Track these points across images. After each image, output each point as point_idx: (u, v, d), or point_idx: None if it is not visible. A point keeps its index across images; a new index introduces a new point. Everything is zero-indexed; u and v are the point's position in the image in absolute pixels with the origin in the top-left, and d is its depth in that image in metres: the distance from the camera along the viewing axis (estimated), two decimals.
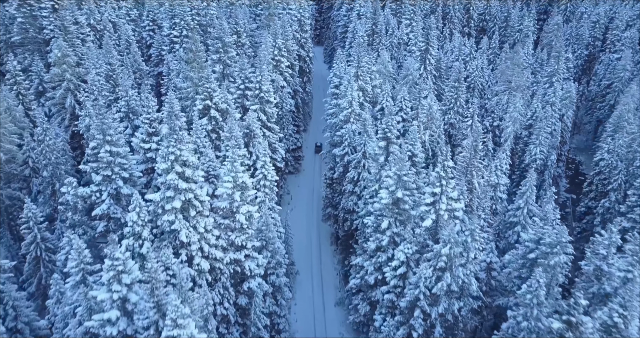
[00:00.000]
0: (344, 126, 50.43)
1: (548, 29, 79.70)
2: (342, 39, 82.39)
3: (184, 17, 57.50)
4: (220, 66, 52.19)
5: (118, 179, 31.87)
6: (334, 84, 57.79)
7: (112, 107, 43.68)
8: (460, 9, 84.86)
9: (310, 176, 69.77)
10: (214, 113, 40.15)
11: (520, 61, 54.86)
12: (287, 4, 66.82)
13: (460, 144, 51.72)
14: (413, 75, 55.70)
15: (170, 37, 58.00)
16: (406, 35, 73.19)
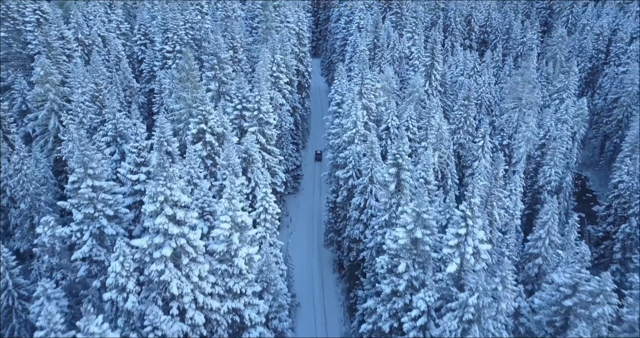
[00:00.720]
0: (347, 147, 46.83)
1: (552, 42, 76.86)
2: (341, 52, 79.09)
3: (177, 31, 53.84)
4: (215, 84, 48.55)
5: (101, 218, 27.95)
6: (335, 102, 54.26)
7: (98, 131, 39.84)
8: (461, 20, 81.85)
9: (310, 194, 66.04)
10: (209, 138, 36.40)
11: (532, 78, 51.64)
12: (285, 16, 63.39)
13: (471, 166, 48.40)
14: (419, 92, 52.30)
15: (163, 52, 54.29)
16: (408, 49, 70.01)
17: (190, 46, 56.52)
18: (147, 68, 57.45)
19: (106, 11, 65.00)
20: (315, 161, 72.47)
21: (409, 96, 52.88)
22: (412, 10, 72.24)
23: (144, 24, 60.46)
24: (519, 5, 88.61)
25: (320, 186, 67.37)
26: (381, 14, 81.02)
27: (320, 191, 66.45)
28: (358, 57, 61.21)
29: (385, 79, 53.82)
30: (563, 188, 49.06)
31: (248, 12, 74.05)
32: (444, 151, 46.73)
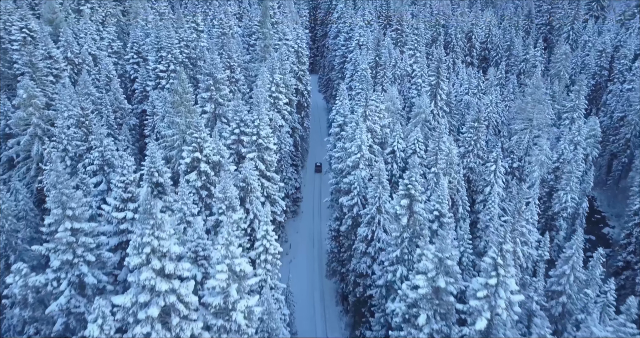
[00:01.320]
0: (352, 171, 43.61)
1: (555, 59, 74.42)
2: (340, 69, 76.32)
3: (172, 50, 50.73)
4: (211, 105, 45.36)
5: (82, 264, 24.40)
6: (337, 123, 51.21)
7: (83, 159, 36.37)
8: (462, 37, 79.48)
9: (310, 217, 62.63)
10: (204, 167, 33.03)
11: (543, 98, 48.83)
12: (283, 34, 60.56)
13: (482, 191, 45.22)
14: (425, 113, 49.31)
15: (156, 71, 51.09)
16: (410, 67, 67.29)
17: (185, 65, 53.43)
18: (139, 88, 54.19)
19: (98, 28, 61.92)
20: (315, 172, 71.32)
21: (414, 117, 49.88)
22: (414, 27, 69.67)
23: (137, 42, 57.36)
24: (519, 21, 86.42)
25: (320, 206, 64.23)
26: (381, 31, 78.49)
27: (320, 213, 63.19)
28: (359, 76, 58.34)
29: (389, 100, 50.86)
30: (579, 214, 45.97)
31: (245, 29, 71.28)
32: (454, 176, 43.55)
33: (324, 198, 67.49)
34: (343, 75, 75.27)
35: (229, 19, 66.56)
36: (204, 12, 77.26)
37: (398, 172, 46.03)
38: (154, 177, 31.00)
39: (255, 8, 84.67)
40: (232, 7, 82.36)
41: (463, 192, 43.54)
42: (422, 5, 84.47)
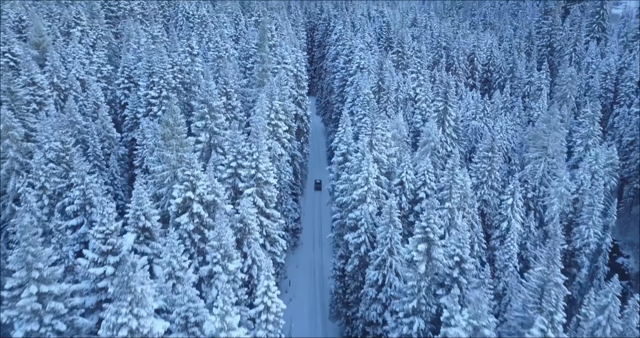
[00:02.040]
0: (358, 206, 39.94)
1: (561, 81, 71.84)
2: (340, 93, 73.30)
3: (164, 75, 47.37)
4: (206, 135, 41.81)
5: (50, 334, 20.36)
6: (340, 152, 47.74)
7: (63, 197, 32.51)
8: (464, 59, 76.99)
9: (310, 248, 58.67)
10: (197, 208, 29.27)
11: (559, 125, 45.74)
12: (282, 57, 57.54)
13: (499, 227, 41.60)
14: (435, 141, 45.99)
15: (148, 98, 47.63)
16: (413, 91, 64.36)
17: (178, 90, 50.07)
18: (130, 115, 50.66)
19: (88, 52, 58.63)
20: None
21: (423, 146, 46.51)
22: (415, 49, 66.99)
23: (128, 66, 54.07)
24: (521, 43, 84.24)
25: (320, 234, 60.68)
26: (381, 53, 75.88)
27: (320, 242, 59.41)
28: (362, 101, 55.25)
29: (395, 127, 47.56)
30: (603, 250, 42.39)
31: (242, 51, 68.37)
32: (468, 210, 40.00)
33: (324, 221, 64.62)
34: (343, 99, 72.32)
35: (225, 42, 63.62)
36: (199, 35, 74.52)
37: (407, 205, 42.45)
38: (140, 221, 27.20)
39: (252, 30, 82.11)
40: (228, 29, 79.76)
41: (478, 228, 39.94)
42: (423, 27, 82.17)
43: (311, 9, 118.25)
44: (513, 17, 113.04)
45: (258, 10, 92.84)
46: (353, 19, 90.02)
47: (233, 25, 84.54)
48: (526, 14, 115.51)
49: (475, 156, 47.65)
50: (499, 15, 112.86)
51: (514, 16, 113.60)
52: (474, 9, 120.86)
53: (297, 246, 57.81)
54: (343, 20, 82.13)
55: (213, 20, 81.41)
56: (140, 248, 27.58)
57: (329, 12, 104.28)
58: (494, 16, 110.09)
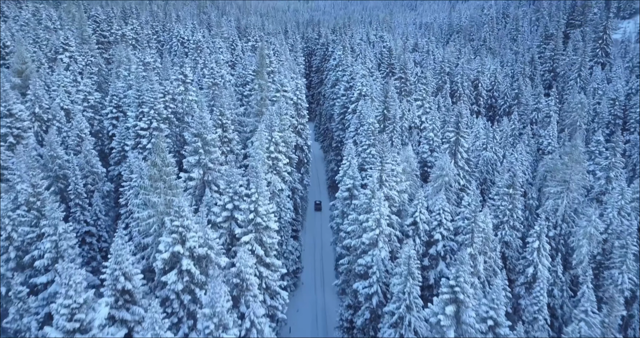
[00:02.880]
0: (369, 250, 35.70)
1: (570, 108, 68.77)
2: (340, 120, 69.73)
3: (155, 105, 43.49)
4: (199, 171, 37.66)
5: None
6: (345, 186, 43.66)
7: (32, 249, 28.00)
8: (468, 85, 74.01)
9: (312, 289, 53.92)
10: (187, 264, 24.88)
11: (581, 158, 42.03)
12: (281, 85, 53.98)
13: (524, 272, 37.32)
14: (449, 176, 42.06)
15: (136, 129, 43.62)
16: (418, 119, 60.90)
17: (170, 121, 46.14)
18: (117, 147, 46.52)
19: (75, 79, 54.80)
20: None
21: (435, 181, 42.54)
22: (419, 76, 63.84)
23: (117, 95, 50.21)
24: (525, 68, 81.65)
25: (322, 270, 56.23)
26: (383, 80, 72.84)
27: (322, 279, 54.84)
28: (366, 130, 51.55)
29: (404, 160, 43.69)
30: (637, 297, 38.09)
31: (238, 77, 64.98)
32: (490, 255, 35.83)
33: (325, 253, 60.70)
34: (344, 126, 68.78)
35: (221, 68, 60.20)
36: (194, 60, 71.29)
37: (421, 247, 38.21)
38: (119, 283, 22.76)
39: (249, 55, 79.10)
40: (224, 54, 76.62)
41: (502, 276, 35.62)
42: (425, 52, 79.43)
43: (308, 34, 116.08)
44: (512, 42, 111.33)
45: (255, 35, 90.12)
46: (352, 44, 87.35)
47: (229, 50, 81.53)
48: (525, 38, 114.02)
49: (491, 191, 43.78)
50: (497, 40, 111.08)
51: (513, 41, 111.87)
52: (472, 33, 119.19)
53: (297, 286, 53.10)
54: (342, 46, 79.34)
55: (209, 45, 78.36)
56: (119, 314, 23.07)
57: (327, 37, 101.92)
58: (494, 41, 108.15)
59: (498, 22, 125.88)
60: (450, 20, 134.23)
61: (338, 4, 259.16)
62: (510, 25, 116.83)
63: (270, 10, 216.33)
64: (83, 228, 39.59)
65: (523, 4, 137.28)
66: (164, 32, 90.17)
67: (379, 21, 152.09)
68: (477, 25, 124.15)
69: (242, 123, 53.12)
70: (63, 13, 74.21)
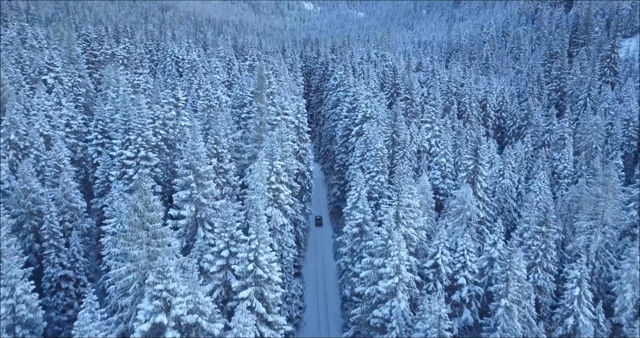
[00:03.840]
0: (387, 300, 30.68)
1: (584, 130, 64.62)
2: (343, 143, 65.14)
3: (143, 132, 38.73)
4: (191, 208, 32.74)
5: None
6: (355, 221, 38.72)
7: None
8: (477, 106, 69.93)
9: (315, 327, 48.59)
10: (173, 336, 19.74)
11: (616, 188, 37.46)
12: (282, 108, 49.45)
13: (562, 323, 32.32)
14: (471, 210, 37.29)
15: (122, 158, 38.74)
16: (427, 142, 56.43)
17: (160, 148, 41.34)
18: (101, 177, 41.56)
19: (59, 102, 50.04)
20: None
21: (455, 215, 37.77)
22: (425, 96, 59.63)
23: (103, 119, 45.44)
24: (534, 88, 77.83)
25: (326, 307, 50.96)
26: (387, 100, 68.65)
27: (327, 317, 49.54)
28: (374, 156, 46.92)
29: (421, 191, 38.95)
30: None
31: (235, 99, 60.47)
32: (524, 304, 30.88)
33: (328, 276, 56.19)
34: (347, 149, 64.23)
35: (216, 89, 55.76)
36: (189, 80, 66.88)
37: (443, 293, 33.22)
38: None
39: (246, 75, 74.89)
40: (220, 74, 72.35)
41: (539, 330, 30.64)
42: (430, 72, 75.48)
43: (307, 53, 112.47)
44: (515, 61, 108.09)
45: (252, 54, 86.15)
46: (353, 64, 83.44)
47: (226, 70, 77.30)
48: (527, 57, 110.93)
49: (518, 227, 39.02)
50: (499, 59, 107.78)
51: (515, 60, 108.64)
52: (472, 52, 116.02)
53: (300, 327, 47.71)
54: (344, 65, 75.31)
55: (204, 65, 74.14)
56: None
57: (326, 56, 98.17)
58: (496, 60, 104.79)
59: (498, 40, 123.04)
60: (450, 39, 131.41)
61: (335, 23, 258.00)
62: (512, 44, 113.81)
63: (267, 29, 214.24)
64: (58, 272, 34.48)
65: (522, 22, 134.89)
66: (158, 51, 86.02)
67: (377, 40, 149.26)
68: (478, 44, 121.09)
69: (240, 149, 48.42)
70: (52, 32, 69.94)
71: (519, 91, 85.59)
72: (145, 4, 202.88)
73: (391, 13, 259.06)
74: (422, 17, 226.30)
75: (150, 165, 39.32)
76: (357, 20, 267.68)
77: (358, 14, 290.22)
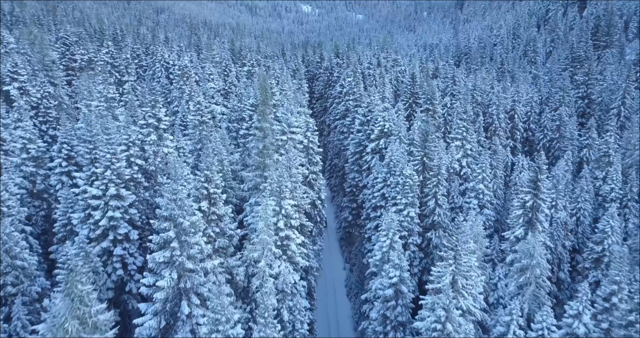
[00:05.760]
0: None
1: (630, 145, 55.38)
2: (356, 161, 55.64)
3: (113, 162, 29.09)
4: (172, 275, 23.14)
5: None
6: (388, 281, 29.16)
7: None
8: (505, 117, 60.66)
9: None
10: None
11: None
12: (288, 125, 39.88)
13: None
14: (542, 267, 27.81)
15: (86, 199, 29.13)
16: (458, 163, 47.12)
17: (136, 182, 31.69)
18: (61, 219, 31.90)
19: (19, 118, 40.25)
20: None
21: (519, 273, 28.32)
22: (457, 109, 50.24)
23: (69, 142, 35.71)
24: (564, 96, 68.54)
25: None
26: (405, 111, 59.19)
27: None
28: (402, 185, 37.46)
29: (474, 237, 29.44)
30: None
31: (233, 111, 50.85)
32: None
33: (342, 321, 47.37)
34: (360, 168, 54.83)
35: (210, 102, 46.14)
36: (180, 89, 57.17)
37: None
38: None
39: (244, 82, 65.25)
40: (215, 82, 62.68)
41: None
42: (450, 78, 66.04)
43: (309, 57, 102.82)
44: (531, 65, 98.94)
45: (251, 59, 76.47)
46: (362, 69, 73.92)
47: (222, 77, 67.62)
48: (542, 60, 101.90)
49: (602, 287, 29.68)
50: (514, 63, 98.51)
51: (532, 63, 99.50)
52: (484, 55, 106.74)
53: None
54: (353, 71, 65.82)
55: (197, 71, 64.50)
56: None
57: (330, 60, 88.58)
58: (510, 63, 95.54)
59: (509, 43, 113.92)
60: (458, 42, 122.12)
61: (333, 26, 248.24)
62: (526, 47, 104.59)
63: (265, 32, 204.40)
64: None
65: (532, 23, 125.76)
66: (147, 56, 76.18)
67: (379, 43, 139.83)
68: (489, 47, 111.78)
69: (238, 175, 38.93)
70: (19, 34, 60.10)
71: (541, 99, 76.39)
72: (140, 6, 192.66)
73: (391, 15, 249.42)
74: (423, 19, 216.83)
75: (123, 206, 29.72)
76: (356, 23, 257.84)
77: (357, 16, 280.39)
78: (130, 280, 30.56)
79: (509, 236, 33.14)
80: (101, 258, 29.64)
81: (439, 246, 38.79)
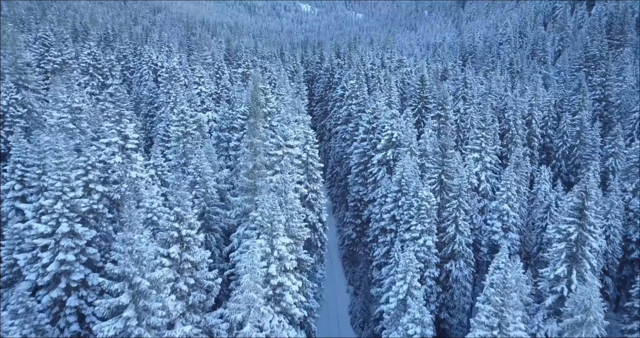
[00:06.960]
0: None
1: None
2: (360, 172, 49.52)
3: (64, 193, 22.95)
4: None
5: None
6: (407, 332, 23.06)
7: None
8: (522, 123, 54.48)
9: None
10: None
11: None
12: (284, 137, 33.66)
13: None
14: (599, 322, 21.75)
15: (32, 236, 23.02)
16: (476, 177, 41.01)
17: (96, 214, 25.52)
18: (7, 259, 25.74)
19: None
20: None
21: (569, 330, 22.23)
22: (472, 116, 44.02)
23: (23, 161, 29.49)
24: (584, 99, 62.25)
25: None
26: (414, 117, 53.00)
27: None
28: (417, 208, 31.37)
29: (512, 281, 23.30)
30: None
31: (224, 119, 44.58)
32: None
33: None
34: (365, 180, 48.75)
35: (196, 110, 40.02)
36: (167, 93, 51.02)
37: None
38: None
39: (238, 85, 59.01)
40: (206, 85, 56.43)
41: None
42: (461, 81, 59.76)
43: (308, 57, 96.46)
44: (541, 65, 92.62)
45: (246, 60, 70.19)
46: (365, 71, 67.67)
47: (214, 79, 61.38)
48: (552, 60, 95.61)
49: None
50: (523, 62, 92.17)
51: (542, 63, 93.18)
52: (491, 55, 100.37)
53: None
54: (356, 73, 59.61)
55: (187, 73, 58.27)
56: None
57: (331, 61, 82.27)
58: (520, 63, 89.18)
59: (516, 42, 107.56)
60: (462, 41, 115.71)
61: (333, 25, 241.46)
62: (534, 46, 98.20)
63: (264, 31, 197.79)
64: None
65: (538, 21, 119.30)
66: (134, 57, 69.90)
67: (380, 42, 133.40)
68: (495, 46, 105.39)
69: (224, 198, 32.82)
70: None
71: (555, 102, 70.19)
72: (137, 6, 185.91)
73: (391, 14, 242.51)
74: (424, 17, 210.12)
75: (79, 245, 23.60)
76: (356, 22, 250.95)
77: (357, 15, 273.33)
78: (89, 334, 24.48)
79: (547, 273, 27.07)
80: (52, 310, 23.57)
81: (459, 279, 32.78)
